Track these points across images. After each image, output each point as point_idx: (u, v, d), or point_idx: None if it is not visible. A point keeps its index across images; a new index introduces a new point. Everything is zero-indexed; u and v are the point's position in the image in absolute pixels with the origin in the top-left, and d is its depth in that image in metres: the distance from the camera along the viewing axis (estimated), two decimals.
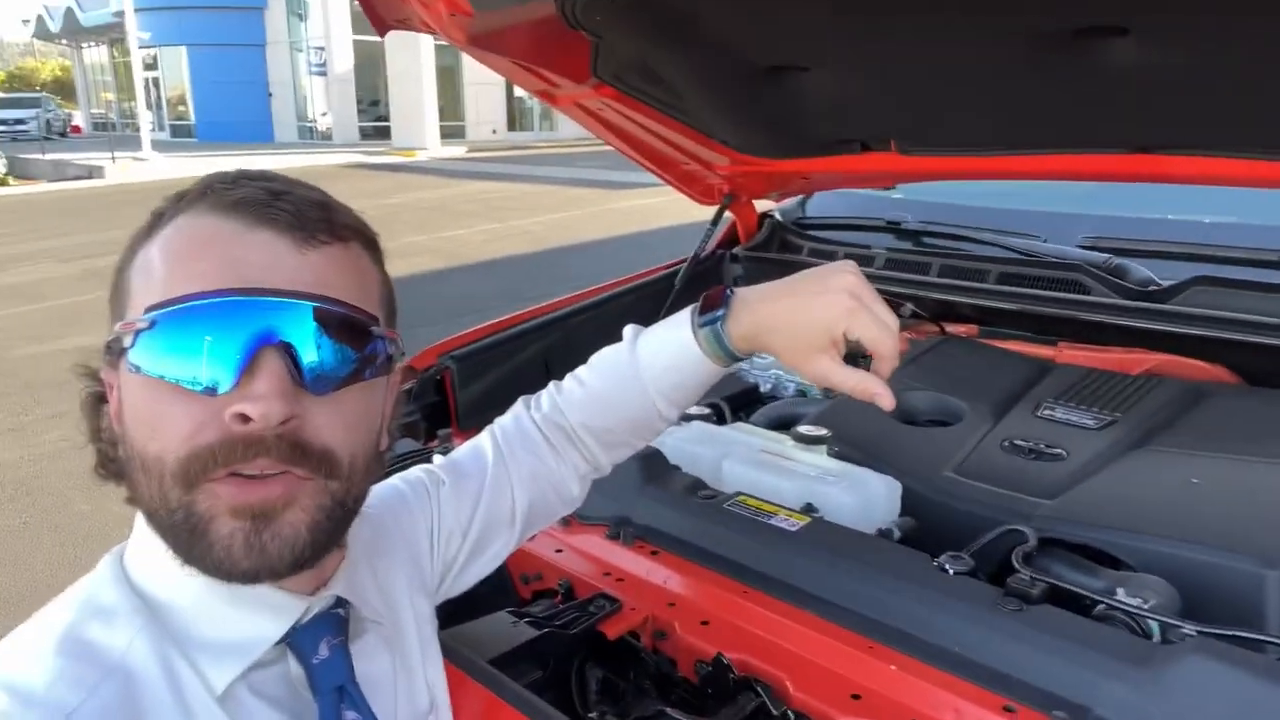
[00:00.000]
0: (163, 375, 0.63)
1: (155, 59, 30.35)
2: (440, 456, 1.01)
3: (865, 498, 1.30)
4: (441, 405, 1.80)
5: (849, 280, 0.86)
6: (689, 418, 1.64)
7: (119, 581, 0.70)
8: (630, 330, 0.99)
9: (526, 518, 1.00)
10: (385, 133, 26.34)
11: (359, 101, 27.60)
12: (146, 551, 0.69)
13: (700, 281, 2.27)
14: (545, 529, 1.30)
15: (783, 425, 1.71)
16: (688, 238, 2.29)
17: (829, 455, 1.44)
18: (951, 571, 1.09)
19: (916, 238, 2.20)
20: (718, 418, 1.73)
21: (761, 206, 2.46)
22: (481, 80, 26.53)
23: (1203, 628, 0.95)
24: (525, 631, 1.07)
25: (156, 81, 31.16)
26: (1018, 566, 1.08)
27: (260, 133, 28.98)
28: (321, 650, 0.72)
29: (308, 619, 0.72)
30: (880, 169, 1.93)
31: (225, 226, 0.66)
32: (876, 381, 0.86)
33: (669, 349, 0.94)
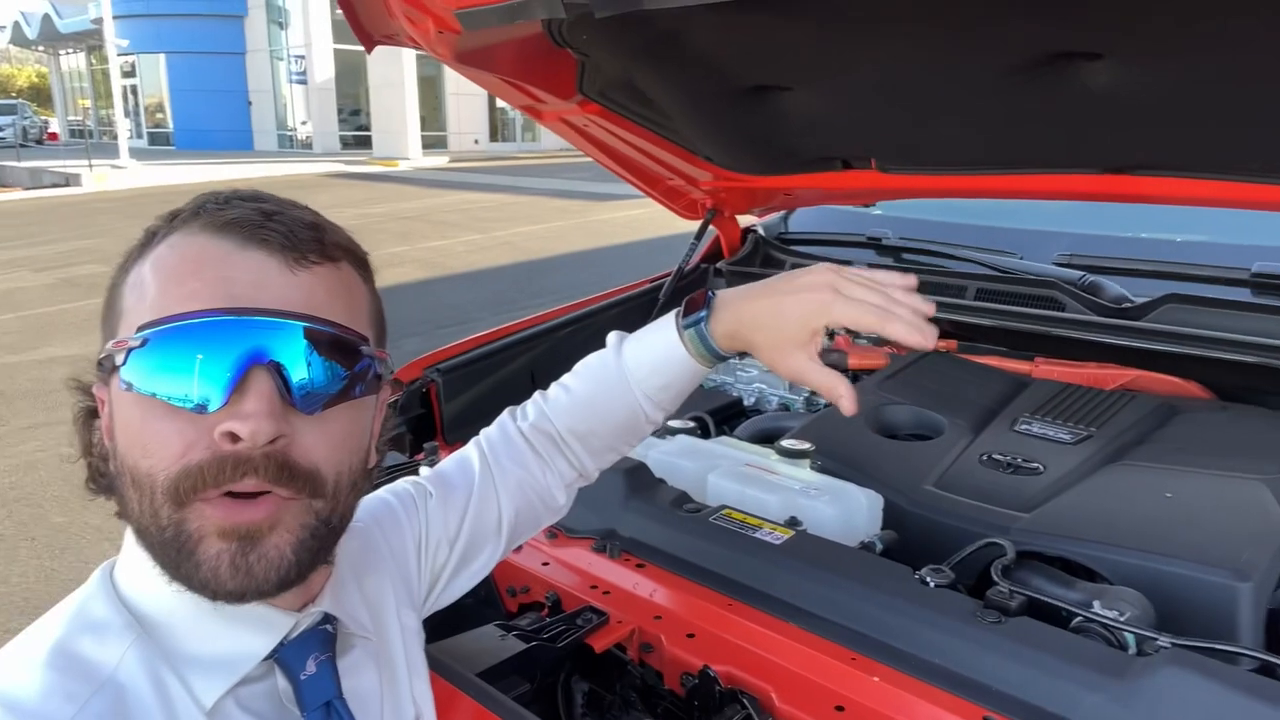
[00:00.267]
0: (154, 393, 0.64)
1: (133, 66, 30.16)
2: (427, 469, 1.02)
3: (848, 511, 1.32)
4: (427, 418, 1.81)
5: (824, 275, 0.90)
6: (673, 431, 1.66)
7: (109, 596, 0.70)
8: (614, 336, 1.02)
9: (513, 527, 1.01)
10: (366, 142, 26.29)
11: (340, 111, 27.52)
12: (136, 566, 0.70)
13: (684, 295, 2.29)
14: (532, 542, 1.32)
15: (766, 439, 1.73)
16: (670, 250, 2.31)
17: (812, 469, 1.46)
18: (933, 584, 1.11)
19: (897, 254, 2.23)
20: (702, 431, 1.75)
21: (744, 221, 2.48)
22: (463, 90, 26.51)
23: (1177, 640, 0.98)
24: (513, 644, 1.08)
25: (135, 89, 30.96)
26: (997, 579, 1.10)
27: (239, 141, 28.82)
28: (309, 666, 0.73)
29: (295, 635, 0.73)
30: (861, 186, 1.96)
31: (217, 246, 0.67)
32: (844, 384, 0.89)
33: (655, 351, 0.97)
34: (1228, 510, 1.27)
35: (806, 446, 1.47)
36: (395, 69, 23.30)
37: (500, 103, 28.13)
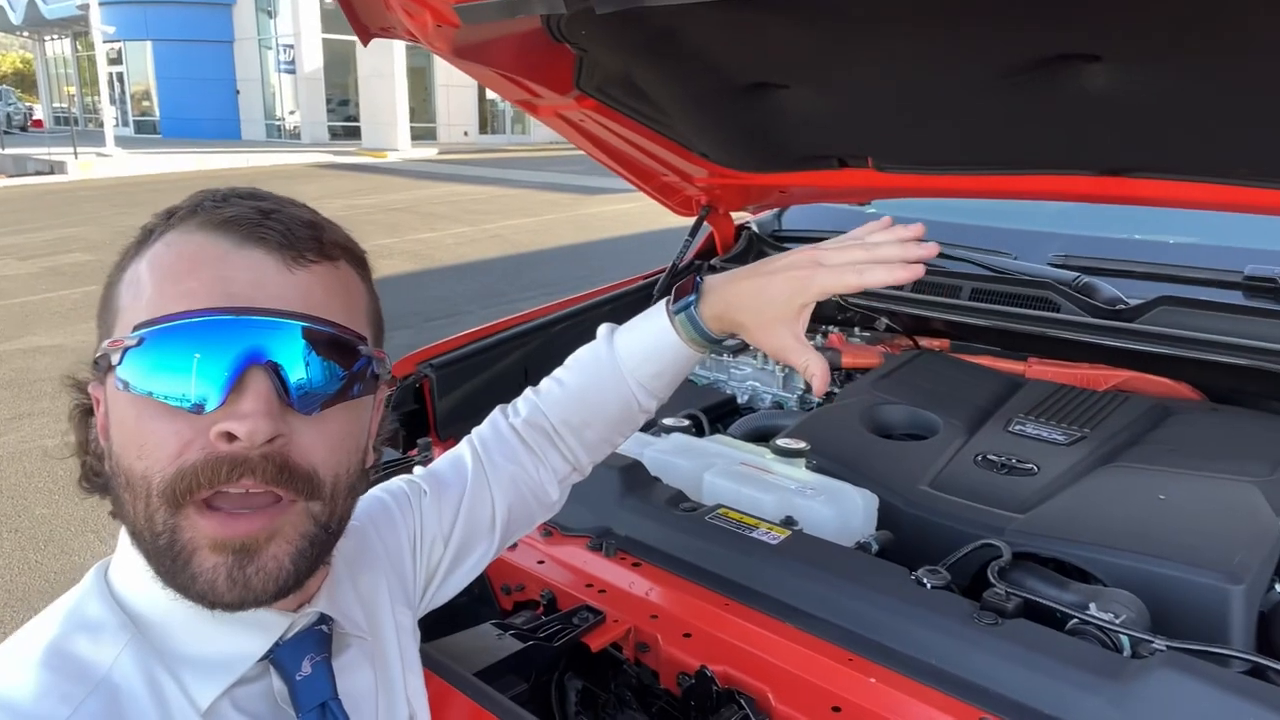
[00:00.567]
0: (150, 393, 0.63)
1: (120, 53, 29.84)
2: (420, 467, 1.02)
3: (844, 511, 1.33)
4: (420, 414, 1.80)
5: (806, 252, 0.94)
6: (668, 429, 1.66)
7: (104, 596, 0.70)
8: (605, 328, 1.03)
9: (506, 524, 1.01)
10: (355, 133, 26.12)
11: (328, 101, 27.32)
12: (131, 566, 0.69)
13: None
14: (527, 540, 1.31)
15: (759, 437, 1.73)
16: (660, 245, 2.31)
17: (807, 468, 1.46)
18: (929, 585, 1.11)
19: None
20: (696, 429, 1.75)
21: (738, 219, 2.48)
22: (453, 82, 26.39)
23: (1172, 643, 0.98)
24: (510, 644, 1.07)
25: (121, 76, 30.63)
26: (993, 581, 1.11)
27: (227, 130, 28.59)
28: (304, 667, 0.72)
29: (290, 636, 0.73)
30: (857, 185, 1.96)
31: (214, 245, 0.66)
32: (819, 364, 0.93)
33: (647, 339, 0.99)
34: (1220, 512, 1.28)
35: (802, 446, 1.48)
36: (385, 60, 23.15)
37: (490, 95, 28.12)
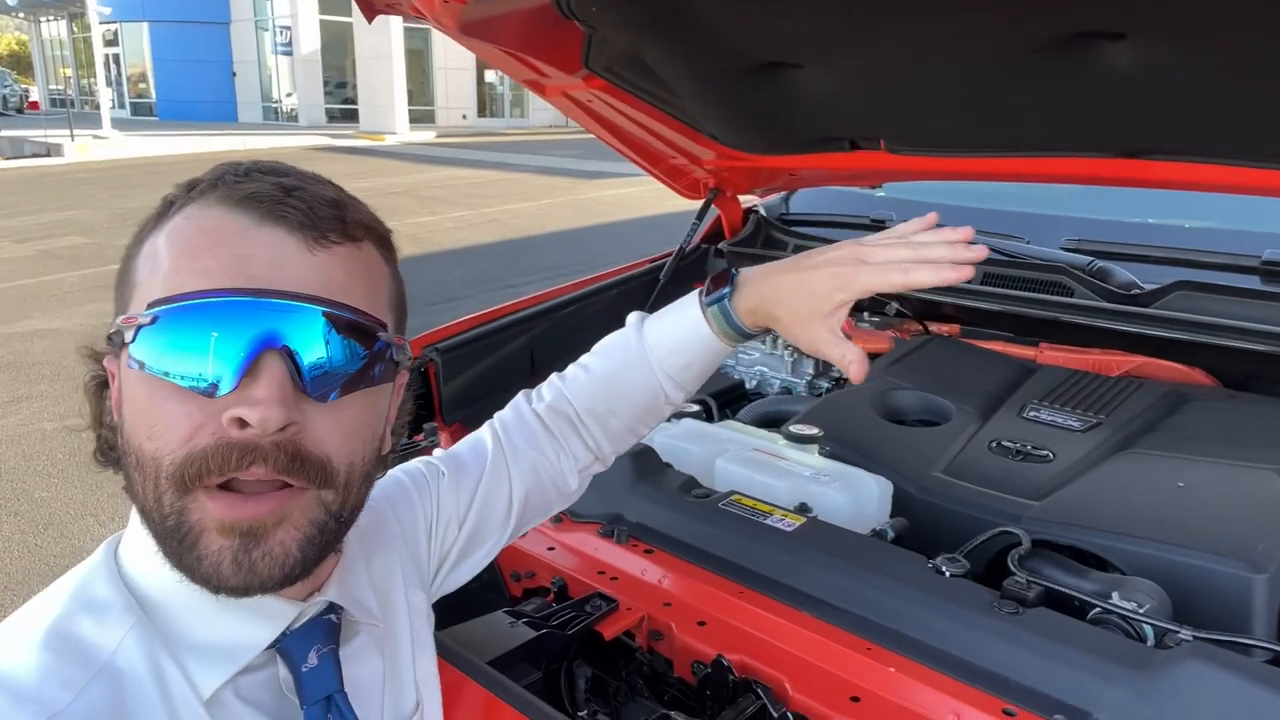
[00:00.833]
0: (163, 373, 0.62)
1: (116, 35, 29.62)
2: (438, 450, 1.00)
3: (858, 497, 1.31)
4: (425, 397, 1.78)
5: (849, 248, 0.90)
6: (679, 414, 1.64)
7: (112, 575, 0.69)
8: (635, 316, 1.01)
9: (523, 510, 0.99)
10: (352, 115, 25.95)
11: (326, 83, 27.14)
12: (141, 546, 0.68)
13: (685, 276, 2.26)
14: (537, 526, 1.29)
15: (769, 423, 1.71)
16: (659, 229, 2.29)
17: (820, 454, 1.44)
18: (948, 574, 1.09)
19: None
20: (706, 414, 1.73)
21: (744, 202, 2.45)
22: (452, 65, 26.23)
23: (1198, 633, 0.97)
24: (523, 632, 1.06)
25: (117, 58, 30.42)
26: (1014, 569, 1.09)
27: (224, 112, 28.41)
28: (311, 658, 0.71)
29: (299, 625, 0.71)
30: (868, 167, 1.94)
31: (234, 221, 0.64)
32: (858, 353, 0.88)
33: (678, 330, 0.96)
34: (1240, 500, 1.26)
35: (815, 432, 1.46)
36: (383, 41, 22.98)
37: (489, 78, 28.00)
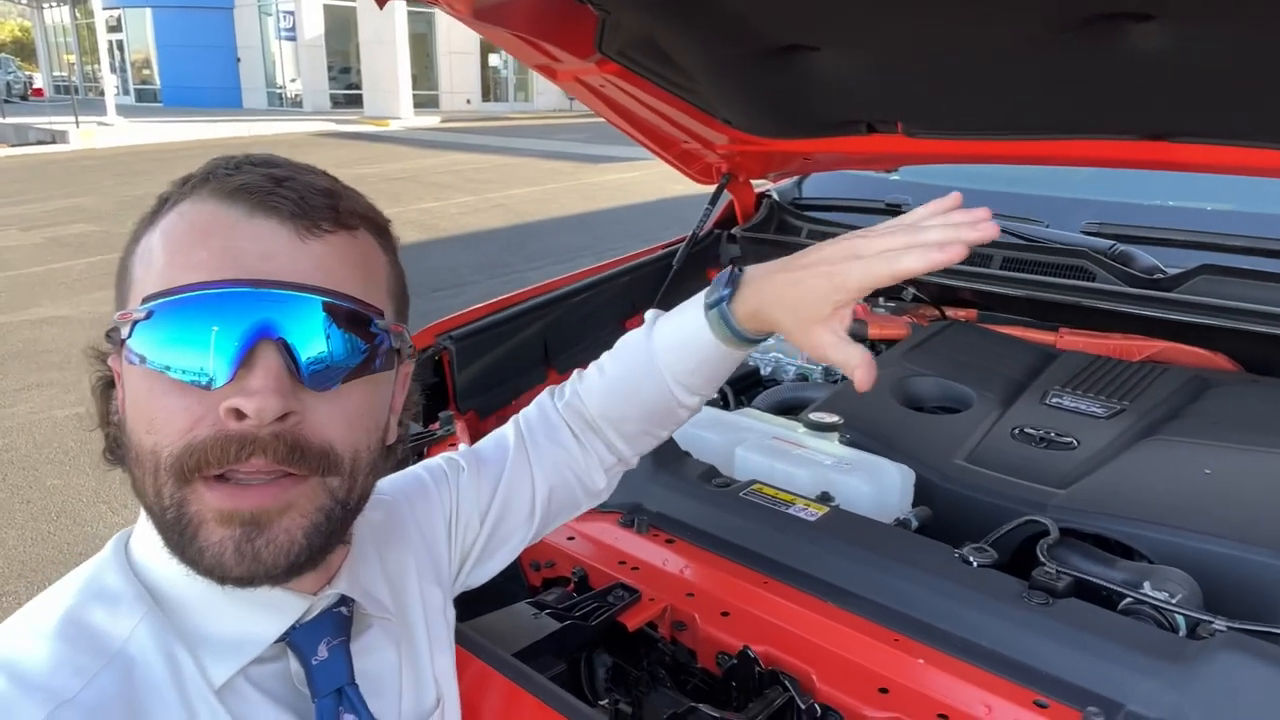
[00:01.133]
0: (159, 366, 0.62)
1: (119, 20, 29.51)
2: (463, 446, 0.99)
3: (881, 486, 1.29)
4: (440, 386, 1.77)
5: (845, 243, 0.82)
6: None
7: (123, 567, 0.69)
8: (650, 315, 0.96)
9: (547, 507, 0.98)
10: (357, 101, 25.86)
11: (330, 68, 27.02)
12: (151, 539, 0.68)
13: (698, 262, 2.25)
14: None
15: (786, 409, 1.70)
16: (665, 213, 2.27)
17: (841, 442, 1.42)
18: (975, 563, 1.08)
19: None
20: (723, 402, 1.72)
21: (757, 186, 2.43)
22: (456, 49, 26.11)
23: (1233, 623, 0.95)
24: (547, 623, 1.05)
25: (120, 44, 30.32)
26: (1043, 559, 1.08)
27: (228, 98, 28.33)
28: (321, 651, 0.71)
29: (309, 618, 0.71)
30: (885, 151, 1.91)
31: (225, 214, 0.64)
32: (862, 359, 0.81)
33: (682, 332, 0.90)
34: (1268, 487, 1.24)
35: (835, 419, 1.44)
36: (386, 26, 22.86)
37: (493, 61, 27.84)
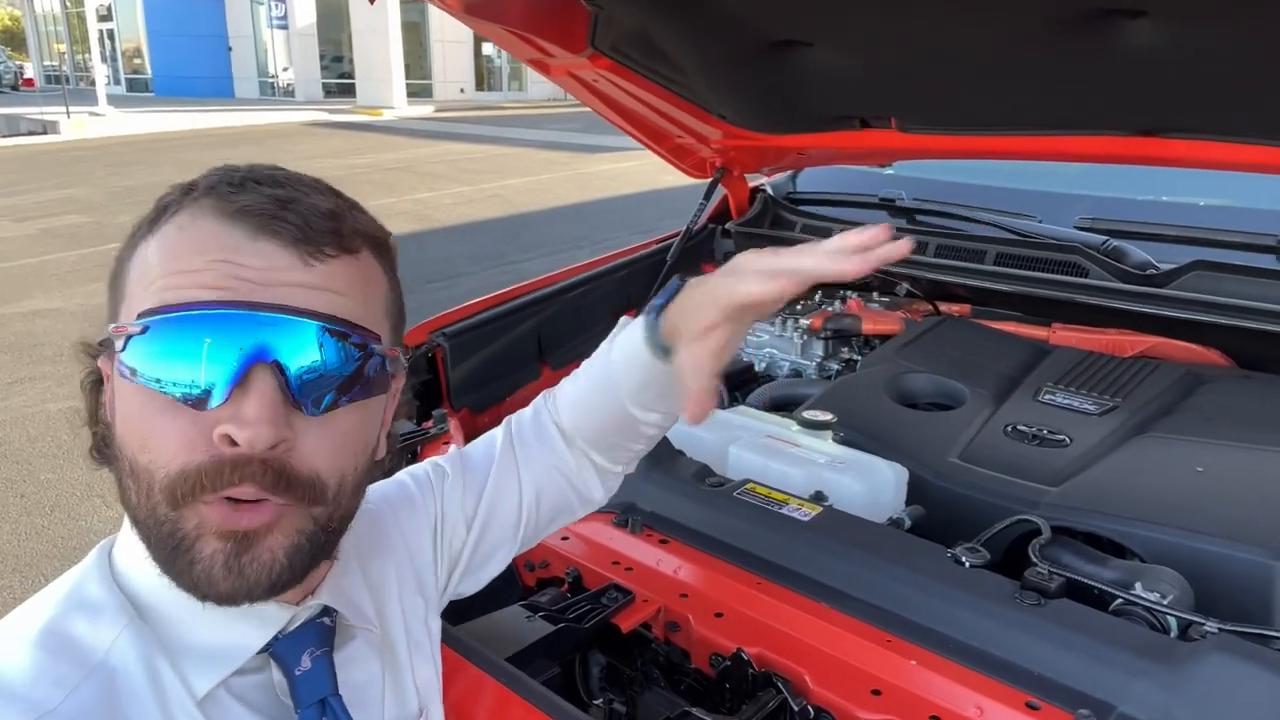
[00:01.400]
0: (153, 383, 0.61)
1: (110, 9, 29.31)
2: (454, 449, 0.98)
3: (874, 485, 1.29)
4: (433, 383, 1.76)
5: (740, 258, 0.75)
6: None
7: (105, 577, 0.68)
8: (622, 321, 0.91)
9: (536, 510, 0.96)
10: (349, 90, 25.72)
11: (322, 57, 26.86)
12: (134, 550, 0.67)
13: (693, 257, 2.24)
14: None
15: (779, 406, 1.70)
16: (660, 203, 2.27)
17: (835, 441, 1.42)
18: (968, 564, 1.08)
19: (911, 216, 2.18)
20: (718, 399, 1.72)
21: (752, 181, 2.42)
22: (449, 38, 25.97)
23: (1224, 625, 0.96)
24: (541, 626, 1.05)
25: (111, 33, 30.13)
26: (1035, 560, 1.08)
27: (220, 88, 28.15)
28: (304, 662, 0.70)
29: (292, 629, 0.71)
30: (878, 146, 1.91)
31: (228, 234, 0.63)
32: (695, 398, 0.75)
33: (629, 344, 0.85)
34: (1260, 485, 1.25)
35: (828, 418, 1.44)
36: (379, 15, 22.73)
37: (486, 50, 27.70)
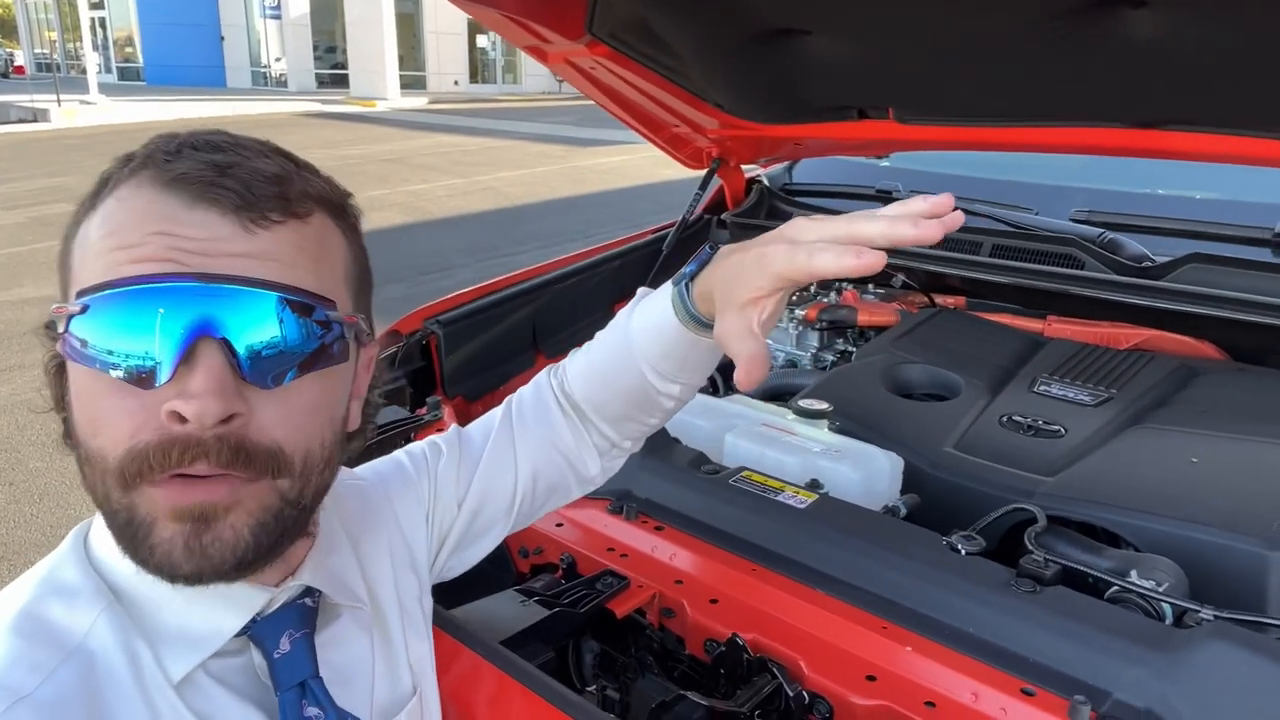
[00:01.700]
0: (96, 365, 0.59)
1: None
2: (454, 427, 0.97)
3: (870, 473, 1.29)
4: (428, 370, 1.76)
5: (790, 225, 0.72)
6: None
7: (81, 561, 0.67)
8: (640, 292, 0.90)
9: (532, 489, 0.95)
10: (343, 81, 25.62)
11: (315, 48, 26.77)
12: (109, 534, 0.65)
13: (688, 247, 2.24)
14: None
15: (774, 396, 1.69)
16: (653, 197, 2.26)
17: (830, 430, 1.42)
18: (964, 551, 1.08)
19: None
20: (713, 388, 1.71)
21: (748, 171, 2.42)
22: (443, 29, 25.90)
23: (1220, 612, 0.96)
24: (536, 611, 1.04)
25: (103, 21, 29.97)
26: (1031, 547, 1.08)
27: (212, 77, 28.03)
28: (283, 644, 0.69)
29: (270, 611, 0.69)
30: (876, 137, 1.91)
31: (164, 204, 0.60)
32: (752, 356, 0.73)
33: (653, 313, 0.84)
34: (1255, 476, 1.25)
35: (825, 406, 1.44)
36: (372, 5, 22.64)
37: (481, 42, 27.63)
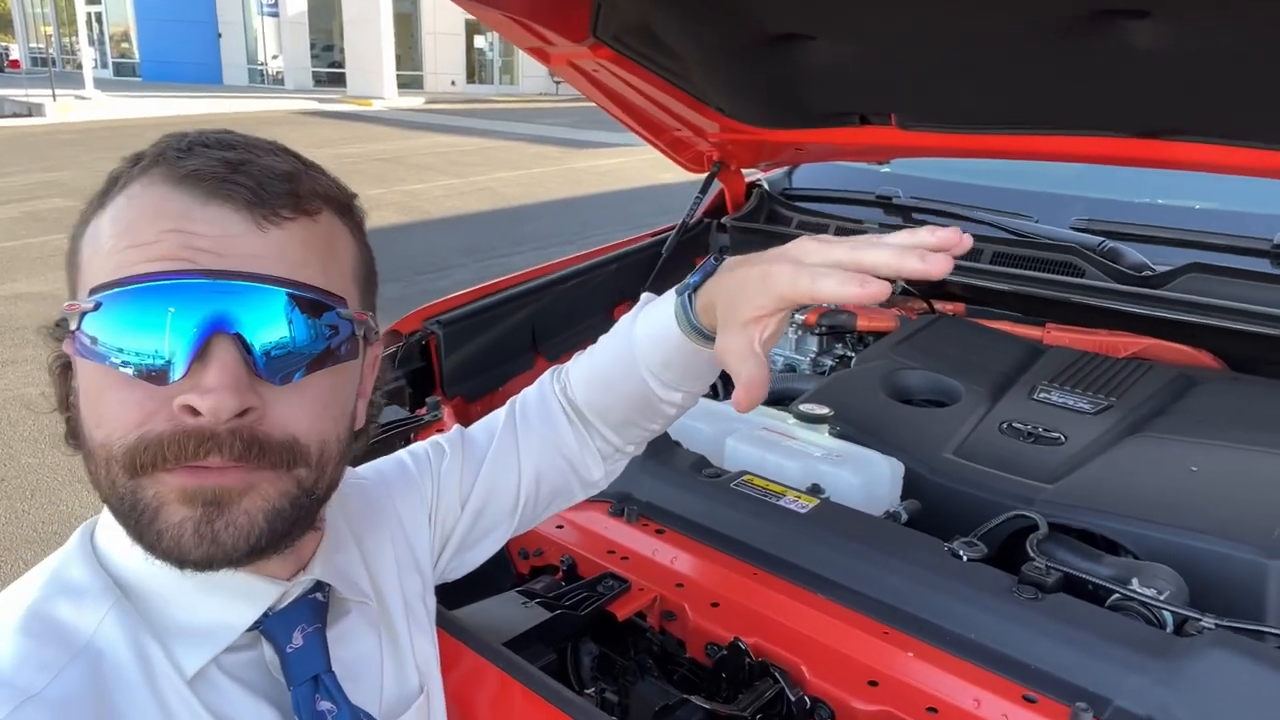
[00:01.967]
0: (108, 360, 0.59)
1: None
2: (457, 428, 0.97)
3: (870, 478, 1.30)
4: (427, 371, 1.75)
5: (797, 245, 0.71)
6: None
7: (88, 559, 0.67)
8: (644, 298, 0.90)
9: (535, 491, 0.95)
10: (340, 79, 25.60)
11: (312, 46, 26.71)
12: (116, 531, 0.66)
13: (688, 250, 2.24)
14: None
15: (773, 401, 1.69)
16: (651, 199, 2.26)
17: (831, 434, 1.42)
18: (965, 557, 1.09)
19: (908, 214, 2.18)
20: (713, 392, 1.71)
21: (748, 175, 2.42)
22: (441, 29, 25.89)
23: (1221, 621, 0.96)
24: (538, 613, 1.04)
25: (99, 16, 29.88)
26: (1032, 554, 1.08)
27: (208, 74, 27.94)
28: (295, 639, 0.69)
29: (283, 605, 0.69)
30: (877, 143, 1.91)
31: (177, 200, 0.60)
32: (752, 380, 0.72)
33: (655, 322, 0.84)
34: (1253, 485, 1.25)
35: (825, 411, 1.44)
36: (370, 4, 22.62)
37: (478, 43, 27.62)
